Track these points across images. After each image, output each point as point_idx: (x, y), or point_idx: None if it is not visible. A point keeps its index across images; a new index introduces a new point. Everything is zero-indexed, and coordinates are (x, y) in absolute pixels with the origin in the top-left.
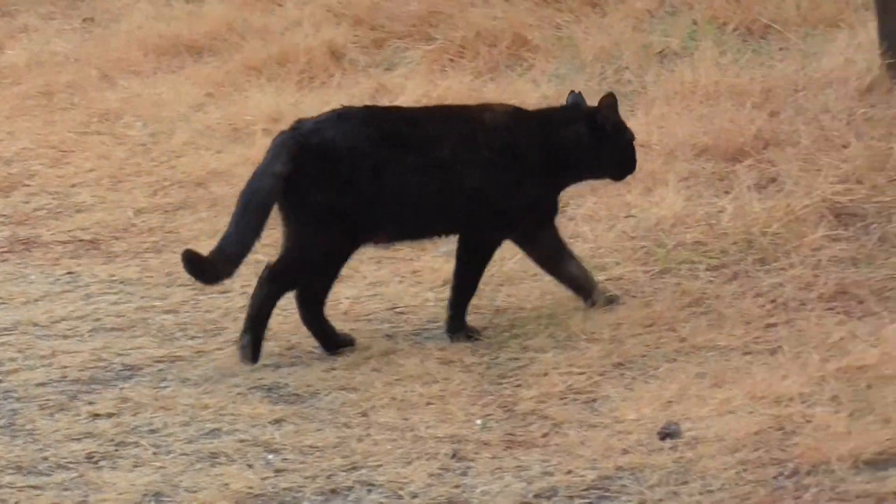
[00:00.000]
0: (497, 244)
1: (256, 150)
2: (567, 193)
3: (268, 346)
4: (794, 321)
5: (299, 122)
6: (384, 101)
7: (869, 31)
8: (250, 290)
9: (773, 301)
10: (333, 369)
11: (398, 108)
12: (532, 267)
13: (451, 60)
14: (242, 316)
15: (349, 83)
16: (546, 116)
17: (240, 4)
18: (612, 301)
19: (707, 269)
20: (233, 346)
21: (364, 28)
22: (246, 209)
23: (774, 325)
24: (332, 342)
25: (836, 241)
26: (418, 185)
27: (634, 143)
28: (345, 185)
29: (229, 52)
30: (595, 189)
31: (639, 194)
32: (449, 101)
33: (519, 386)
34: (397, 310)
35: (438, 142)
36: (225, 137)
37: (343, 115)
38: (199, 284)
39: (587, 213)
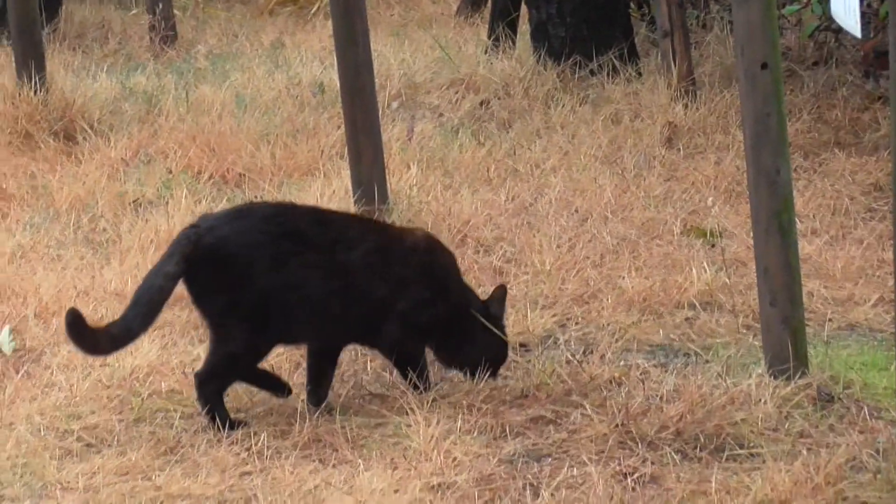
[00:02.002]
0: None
1: None
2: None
3: None
4: (269, 469)
5: (201, 218)
6: None
7: (343, 179)
8: None
9: (248, 449)
10: None
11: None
12: (10, 415)
13: None
14: None
15: None
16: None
17: None
18: None
19: (182, 418)
20: None
21: None
22: (137, 303)
23: (250, 473)
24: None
25: None
26: (319, 285)
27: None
28: (240, 284)
29: None
30: None
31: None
32: None
33: None
34: None
35: (346, 245)
36: None
37: (243, 212)
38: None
39: (62, 362)
